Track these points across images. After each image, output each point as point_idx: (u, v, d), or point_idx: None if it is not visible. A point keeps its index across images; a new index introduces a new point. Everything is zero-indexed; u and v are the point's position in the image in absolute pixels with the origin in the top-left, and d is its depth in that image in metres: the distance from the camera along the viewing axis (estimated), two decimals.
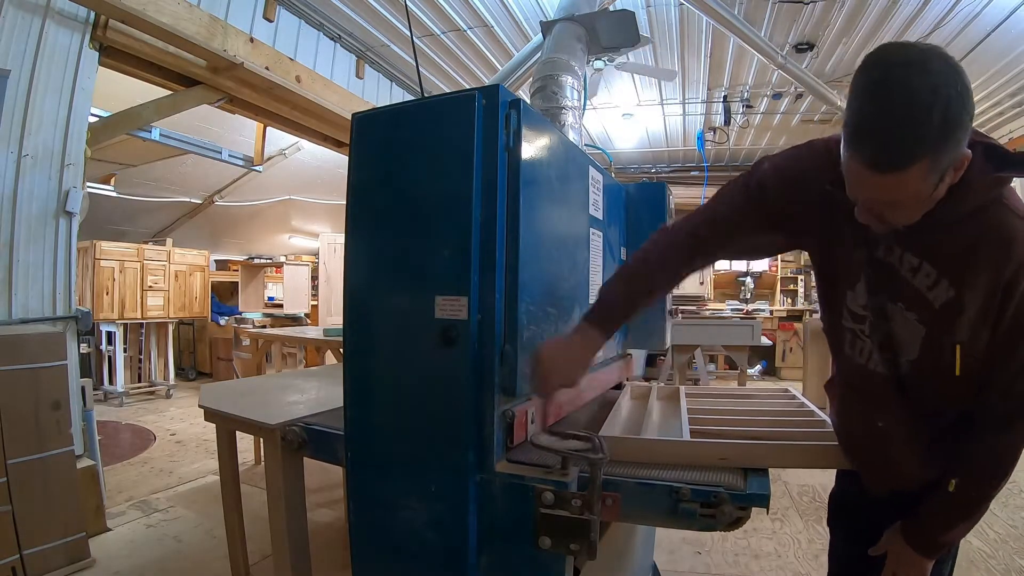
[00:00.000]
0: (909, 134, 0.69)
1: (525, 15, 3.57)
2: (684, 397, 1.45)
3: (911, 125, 0.69)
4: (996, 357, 0.83)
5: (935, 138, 0.69)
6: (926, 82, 0.68)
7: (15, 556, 1.94)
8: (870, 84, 0.72)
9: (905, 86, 0.69)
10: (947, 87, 0.68)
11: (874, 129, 0.71)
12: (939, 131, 0.68)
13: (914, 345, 0.89)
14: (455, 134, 0.97)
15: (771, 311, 7.52)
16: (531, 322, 1.02)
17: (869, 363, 0.96)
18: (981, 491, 0.89)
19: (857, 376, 0.99)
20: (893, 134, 0.70)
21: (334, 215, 7.51)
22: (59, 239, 2.34)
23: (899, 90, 0.69)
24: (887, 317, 0.91)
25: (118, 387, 5.15)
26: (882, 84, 0.70)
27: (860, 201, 0.80)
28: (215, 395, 1.84)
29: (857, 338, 0.97)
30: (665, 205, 1.73)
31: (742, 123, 5.64)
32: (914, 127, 0.69)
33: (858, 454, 1.02)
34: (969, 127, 0.72)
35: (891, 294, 0.89)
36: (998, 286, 0.80)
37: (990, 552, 2.30)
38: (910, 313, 0.88)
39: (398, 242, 1.02)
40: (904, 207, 0.77)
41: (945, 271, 0.83)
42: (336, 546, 2.27)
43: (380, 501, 1.03)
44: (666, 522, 0.96)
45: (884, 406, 0.95)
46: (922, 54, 0.70)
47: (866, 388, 0.98)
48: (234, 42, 2.80)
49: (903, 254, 0.87)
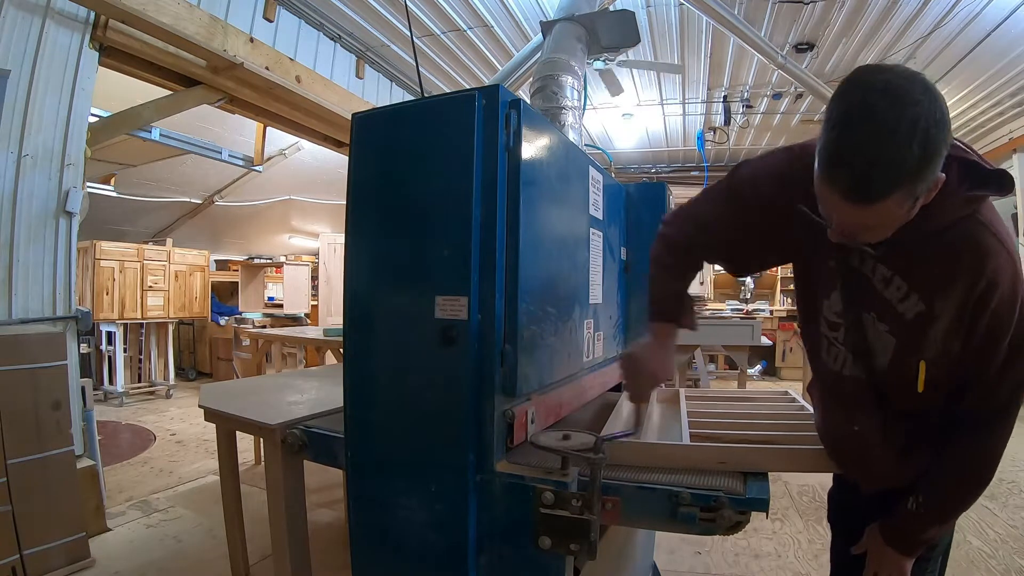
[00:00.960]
0: (887, 169, 0.68)
1: (525, 15, 3.57)
2: (684, 400, 1.45)
3: (889, 161, 0.67)
4: (971, 367, 0.84)
5: (913, 172, 0.68)
6: (905, 115, 0.66)
7: (15, 556, 1.94)
8: (849, 112, 0.70)
9: (884, 119, 0.67)
10: (926, 119, 0.66)
11: (852, 162, 0.70)
12: (917, 165, 0.67)
13: (886, 355, 0.90)
14: (455, 134, 0.97)
15: (771, 311, 7.52)
16: (531, 322, 1.02)
17: (844, 369, 0.97)
18: (958, 493, 0.90)
19: (833, 381, 1.01)
20: (871, 169, 0.68)
21: (334, 215, 7.51)
22: (59, 239, 2.34)
23: (878, 122, 0.67)
24: (862, 326, 0.92)
25: (118, 387, 5.15)
26: (860, 114, 0.69)
27: (833, 223, 0.79)
28: (215, 395, 1.84)
29: (832, 345, 0.98)
30: (665, 205, 1.73)
31: (742, 123, 5.64)
32: (892, 163, 0.67)
33: (840, 456, 1.02)
34: (944, 154, 0.71)
35: (865, 305, 0.90)
36: (969, 301, 0.80)
37: (990, 552, 2.30)
38: (881, 324, 0.89)
39: (398, 242, 1.02)
40: (877, 231, 0.77)
41: (916, 285, 0.84)
42: (336, 546, 2.27)
43: (380, 501, 1.03)
44: (666, 526, 0.96)
45: (859, 410, 0.96)
46: (902, 82, 0.68)
47: (842, 393, 0.99)
48: (234, 42, 2.80)
49: (876, 266, 0.87)
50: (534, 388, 1.05)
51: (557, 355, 1.16)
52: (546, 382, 1.12)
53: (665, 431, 1.29)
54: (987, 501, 2.65)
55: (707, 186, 1.13)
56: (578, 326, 1.27)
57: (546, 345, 1.09)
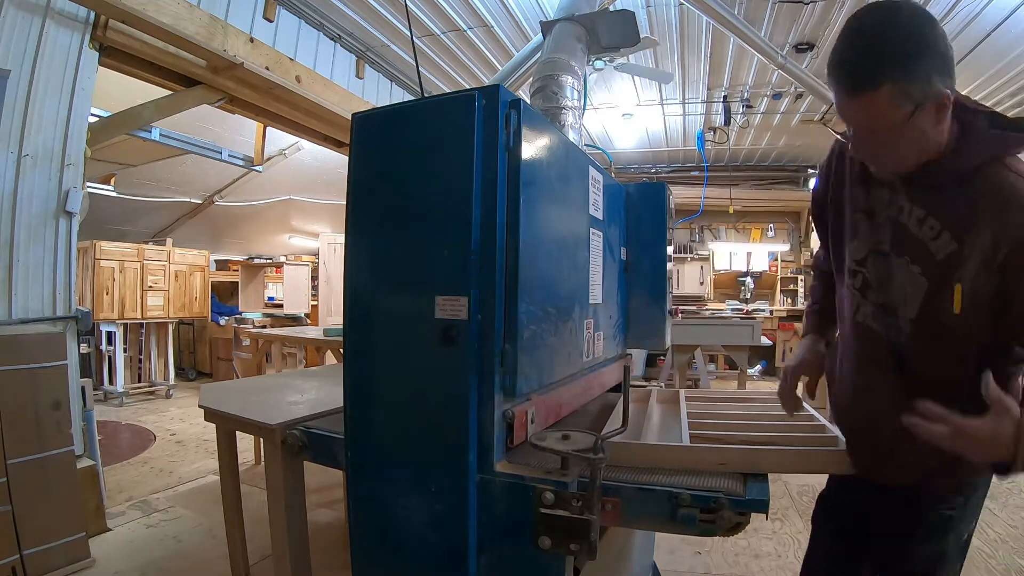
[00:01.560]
0: (872, 57, 0.80)
1: (525, 15, 3.57)
2: (684, 400, 1.45)
3: (874, 49, 0.80)
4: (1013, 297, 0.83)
5: (897, 60, 0.78)
6: (890, 16, 0.81)
7: (15, 556, 1.94)
8: (847, 25, 0.84)
9: (872, 21, 0.82)
10: (909, 21, 0.79)
11: (844, 58, 0.83)
12: (901, 54, 0.78)
13: (915, 301, 0.92)
14: (455, 134, 0.96)
15: (771, 311, 7.52)
16: (531, 322, 1.01)
17: (862, 317, 1.02)
18: None
19: (851, 330, 1.05)
20: (859, 58, 0.81)
21: (334, 215, 7.51)
22: (59, 239, 2.34)
23: (866, 24, 0.82)
24: (890, 274, 0.95)
25: (118, 387, 5.15)
26: (854, 23, 0.83)
27: (851, 134, 0.89)
28: (215, 395, 1.84)
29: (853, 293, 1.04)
30: (665, 205, 1.72)
31: (742, 123, 5.64)
32: (877, 50, 0.80)
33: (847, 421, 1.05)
34: (943, 66, 0.80)
35: (897, 247, 0.94)
36: (1001, 239, 0.83)
37: (990, 552, 2.30)
38: (915, 266, 0.92)
39: (398, 242, 1.02)
40: (884, 137, 0.85)
41: (948, 224, 0.87)
42: (336, 546, 2.27)
43: (380, 501, 1.03)
44: (666, 527, 0.95)
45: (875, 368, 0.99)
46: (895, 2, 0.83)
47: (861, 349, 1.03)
48: (234, 42, 2.80)
49: (912, 208, 0.92)
50: (534, 388, 1.05)
51: (557, 355, 1.16)
52: (546, 382, 1.12)
53: (665, 432, 1.29)
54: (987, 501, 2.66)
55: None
56: (578, 326, 1.27)
57: (546, 345, 1.09)
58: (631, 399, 1.59)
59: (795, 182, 7.61)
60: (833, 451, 1.05)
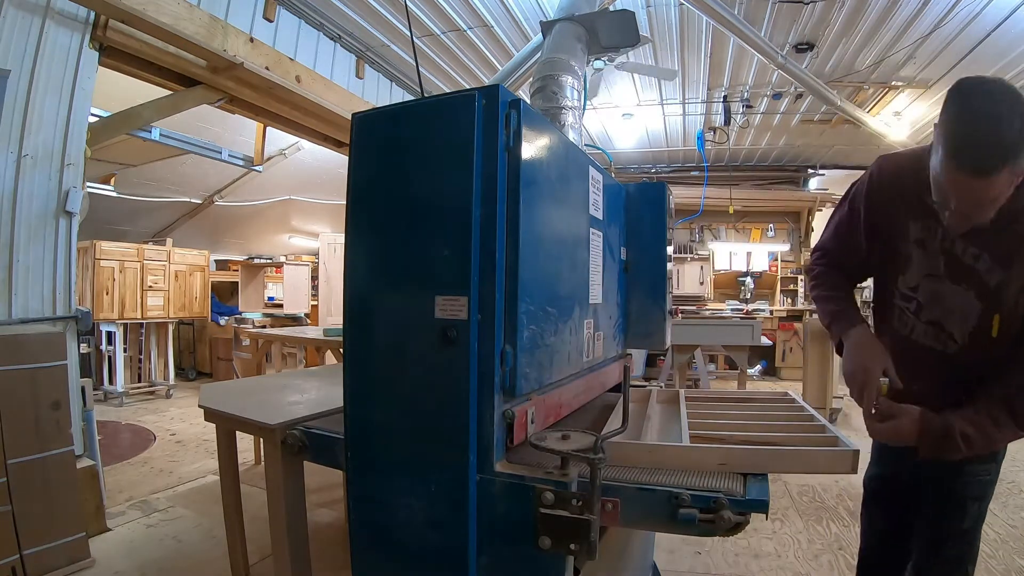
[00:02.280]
0: (999, 146, 0.90)
1: (525, 15, 3.57)
2: (684, 400, 1.45)
3: (999, 140, 0.89)
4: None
5: (1016, 148, 0.89)
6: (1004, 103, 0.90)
7: (15, 556, 1.94)
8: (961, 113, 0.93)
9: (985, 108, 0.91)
10: (1012, 107, 0.89)
11: (974, 145, 0.92)
12: (1020, 141, 0.89)
13: (971, 317, 1.13)
14: (455, 134, 0.96)
15: (771, 311, 7.52)
16: (531, 322, 1.01)
17: (912, 334, 1.23)
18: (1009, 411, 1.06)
19: (901, 345, 1.24)
20: (988, 148, 0.90)
21: (334, 215, 7.51)
22: (59, 239, 2.34)
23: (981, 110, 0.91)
24: (942, 297, 1.16)
25: (118, 387, 5.15)
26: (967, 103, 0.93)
27: (953, 207, 1.00)
28: (215, 395, 1.84)
29: (904, 314, 1.25)
30: (665, 205, 1.72)
31: (742, 123, 5.64)
32: (1002, 141, 0.89)
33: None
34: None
35: (951, 276, 1.15)
36: None
37: (990, 552, 2.30)
38: (970, 292, 1.12)
39: (398, 242, 1.02)
40: (987, 207, 0.97)
41: (997, 257, 1.08)
42: (336, 546, 2.27)
43: (380, 501, 1.03)
44: (666, 527, 0.95)
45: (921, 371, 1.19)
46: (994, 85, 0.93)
47: (906, 353, 1.22)
48: (234, 42, 2.80)
49: (966, 247, 1.11)
50: (534, 388, 1.05)
51: (557, 355, 1.16)
52: (546, 382, 1.12)
53: (665, 432, 1.29)
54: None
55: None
56: (578, 326, 1.27)
57: (546, 345, 1.09)
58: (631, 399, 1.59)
59: (795, 182, 7.62)
60: (833, 451, 1.05)
